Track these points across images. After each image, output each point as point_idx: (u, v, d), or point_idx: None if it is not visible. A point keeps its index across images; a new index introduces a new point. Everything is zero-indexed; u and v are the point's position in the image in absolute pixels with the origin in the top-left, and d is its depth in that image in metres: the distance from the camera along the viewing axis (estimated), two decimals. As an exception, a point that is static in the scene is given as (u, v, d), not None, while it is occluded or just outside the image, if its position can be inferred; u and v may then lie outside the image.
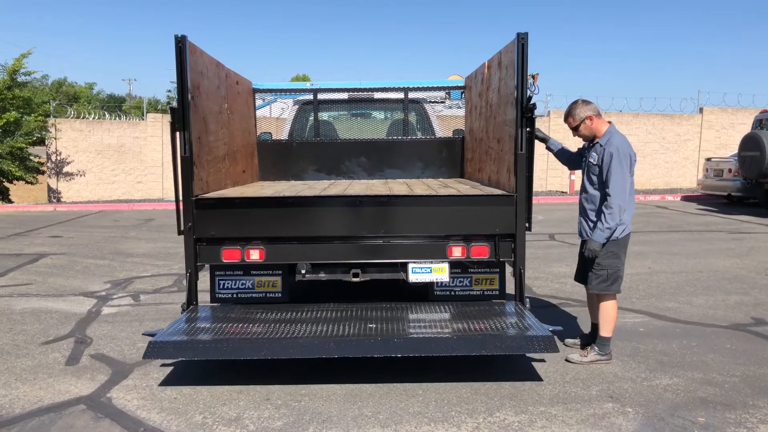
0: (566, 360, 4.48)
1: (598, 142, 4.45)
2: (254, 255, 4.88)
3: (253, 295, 5.23)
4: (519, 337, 4.12)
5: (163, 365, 4.51)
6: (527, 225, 4.87)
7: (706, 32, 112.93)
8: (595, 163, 4.43)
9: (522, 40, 4.57)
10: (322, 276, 5.26)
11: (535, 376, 4.23)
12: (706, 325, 5.40)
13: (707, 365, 4.43)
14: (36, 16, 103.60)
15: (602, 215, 4.34)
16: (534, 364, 4.47)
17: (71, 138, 18.94)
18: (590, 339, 4.72)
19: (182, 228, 4.77)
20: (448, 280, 5.03)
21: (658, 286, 6.88)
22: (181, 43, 4.59)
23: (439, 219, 4.79)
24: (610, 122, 4.53)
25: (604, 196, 4.35)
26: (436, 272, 4.93)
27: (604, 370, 4.32)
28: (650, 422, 3.56)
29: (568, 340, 4.88)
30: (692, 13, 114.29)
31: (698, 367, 4.38)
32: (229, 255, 4.89)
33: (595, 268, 4.47)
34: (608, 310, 4.47)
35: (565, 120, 4.59)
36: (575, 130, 4.52)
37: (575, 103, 4.52)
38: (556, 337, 4.91)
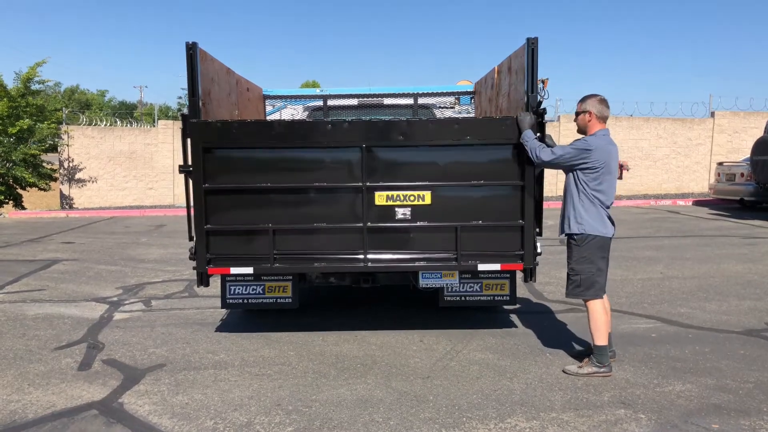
0: (563, 371, 4.39)
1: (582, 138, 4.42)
2: None
3: (264, 300, 5.25)
4: None
5: (174, 371, 4.53)
6: (538, 230, 4.87)
7: (718, 36, 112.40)
8: None
9: (532, 45, 4.57)
10: (333, 281, 5.27)
11: (546, 382, 4.21)
12: (719, 330, 5.35)
13: (721, 371, 4.38)
14: (49, 26, 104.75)
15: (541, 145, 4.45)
16: (545, 369, 4.44)
17: (83, 145, 19.11)
18: (591, 350, 4.49)
19: (193, 234, 4.81)
20: (458, 284, 5.03)
21: (671, 291, 6.83)
22: (192, 50, 4.63)
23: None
24: (606, 129, 4.40)
25: (577, 191, 4.33)
26: (446, 277, 4.93)
27: (616, 376, 4.29)
28: (663, 429, 3.52)
29: (580, 348, 4.85)
30: (703, 17, 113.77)
31: (711, 373, 4.34)
32: None
33: (569, 272, 4.44)
34: (594, 315, 4.34)
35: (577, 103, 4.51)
36: (575, 116, 4.48)
37: (592, 95, 4.40)
38: (566, 353, 4.90)
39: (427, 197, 4.70)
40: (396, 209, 4.73)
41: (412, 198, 4.70)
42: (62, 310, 6.41)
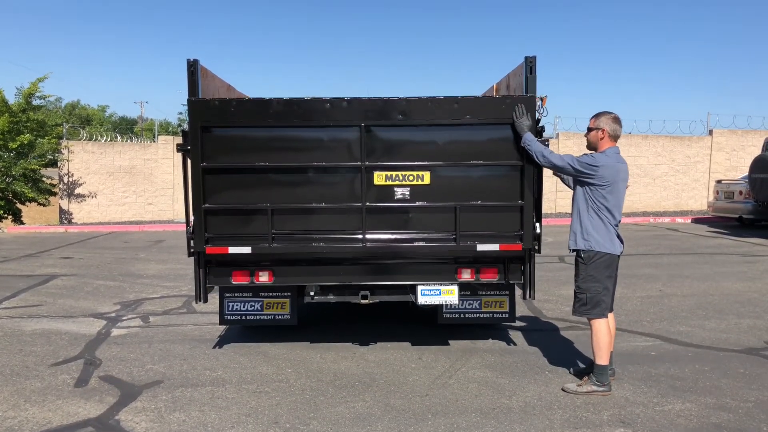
0: (562, 389, 4.36)
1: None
2: (263, 277, 4.90)
3: (262, 317, 5.24)
4: None
5: (172, 388, 4.51)
6: (537, 246, 4.87)
7: (716, 55, 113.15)
8: None
9: (530, 63, 4.62)
10: (331, 298, 5.26)
11: (545, 400, 4.19)
12: (719, 349, 5.33)
13: (720, 390, 4.37)
14: (51, 42, 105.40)
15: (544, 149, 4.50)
16: (544, 387, 4.42)
17: (83, 160, 19.15)
18: (591, 368, 4.46)
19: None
20: (457, 302, 5.01)
21: (670, 309, 6.82)
22: (193, 67, 4.66)
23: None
24: (616, 147, 4.38)
25: (587, 206, 4.35)
26: (446, 294, 4.91)
27: (615, 395, 4.27)
28: (663, 448, 3.50)
29: (579, 366, 4.82)
30: (702, 36, 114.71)
31: (711, 392, 4.33)
32: (239, 277, 4.91)
33: (576, 290, 4.43)
34: (598, 335, 4.31)
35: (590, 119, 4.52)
36: (587, 132, 4.47)
37: (607, 113, 4.40)
38: (570, 370, 4.88)
39: (426, 177, 4.69)
40: (395, 189, 4.70)
41: (411, 178, 4.69)
42: (60, 325, 6.39)
